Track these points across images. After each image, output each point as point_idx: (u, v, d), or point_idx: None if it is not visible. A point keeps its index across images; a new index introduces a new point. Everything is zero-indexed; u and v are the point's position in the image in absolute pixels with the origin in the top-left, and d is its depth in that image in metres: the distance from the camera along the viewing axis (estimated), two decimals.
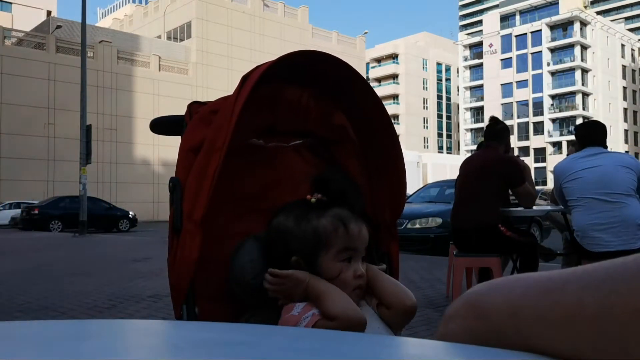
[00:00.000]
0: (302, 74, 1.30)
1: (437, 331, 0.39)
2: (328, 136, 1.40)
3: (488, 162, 3.96)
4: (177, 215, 1.16)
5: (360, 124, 1.37)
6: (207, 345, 0.36)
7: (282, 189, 1.39)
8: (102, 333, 0.41)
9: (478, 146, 4.49)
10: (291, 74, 1.30)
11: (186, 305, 1.17)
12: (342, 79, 1.30)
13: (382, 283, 1.13)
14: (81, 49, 16.77)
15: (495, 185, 3.90)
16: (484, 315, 0.36)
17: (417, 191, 10.96)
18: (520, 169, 3.97)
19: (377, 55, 74.89)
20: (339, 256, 1.08)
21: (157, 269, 6.99)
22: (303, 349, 0.36)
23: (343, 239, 1.08)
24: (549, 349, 0.31)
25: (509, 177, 3.92)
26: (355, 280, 1.07)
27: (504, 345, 0.34)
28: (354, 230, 1.09)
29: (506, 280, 0.37)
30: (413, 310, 1.11)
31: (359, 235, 1.09)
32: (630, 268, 0.29)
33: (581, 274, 0.32)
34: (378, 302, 1.11)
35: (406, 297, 1.10)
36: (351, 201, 1.14)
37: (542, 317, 0.32)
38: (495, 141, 4.10)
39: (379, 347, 0.38)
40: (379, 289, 1.12)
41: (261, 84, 1.17)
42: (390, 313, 1.09)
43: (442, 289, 5.13)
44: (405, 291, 1.11)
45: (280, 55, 1.17)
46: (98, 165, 29.76)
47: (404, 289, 1.12)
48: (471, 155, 4.34)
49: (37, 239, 14.01)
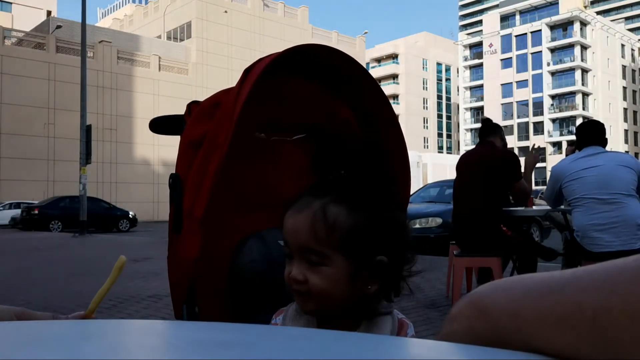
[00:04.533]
0: (306, 68, 1.29)
1: (440, 331, 0.40)
2: (332, 130, 1.39)
3: (487, 157, 3.92)
4: (178, 212, 1.15)
5: (364, 118, 1.35)
6: (207, 345, 0.36)
7: (284, 184, 1.38)
8: (102, 333, 0.41)
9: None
10: (294, 68, 1.29)
11: (186, 304, 1.16)
12: (346, 73, 1.29)
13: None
14: (81, 49, 16.76)
15: (496, 182, 3.85)
16: (486, 316, 0.36)
17: (417, 191, 10.95)
18: (519, 163, 3.94)
19: (377, 55, 74.86)
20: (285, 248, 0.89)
21: (157, 269, 6.98)
22: (303, 349, 0.36)
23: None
24: (550, 350, 0.31)
25: (508, 171, 3.87)
26: (290, 282, 0.85)
27: (506, 345, 0.34)
28: (286, 222, 0.86)
29: (509, 280, 0.37)
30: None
31: (290, 230, 0.86)
32: (630, 269, 0.30)
33: (581, 275, 0.32)
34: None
35: None
36: (350, 187, 0.86)
37: (542, 318, 0.32)
38: (491, 136, 4.06)
39: (380, 347, 0.38)
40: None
41: (264, 77, 1.15)
42: None
43: (442, 289, 5.12)
44: None
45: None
46: (98, 165, 29.75)
47: None
48: (467, 152, 4.26)
49: (37, 239, 14.00)
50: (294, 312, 0.91)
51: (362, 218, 0.83)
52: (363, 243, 0.82)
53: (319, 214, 0.82)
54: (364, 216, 0.84)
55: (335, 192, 0.84)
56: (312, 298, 0.83)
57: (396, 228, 0.86)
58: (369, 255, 0.83)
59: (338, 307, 0.85)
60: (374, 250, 0.83)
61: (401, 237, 0.87)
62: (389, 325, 0.89)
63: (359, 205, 0.84)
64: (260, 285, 1.19)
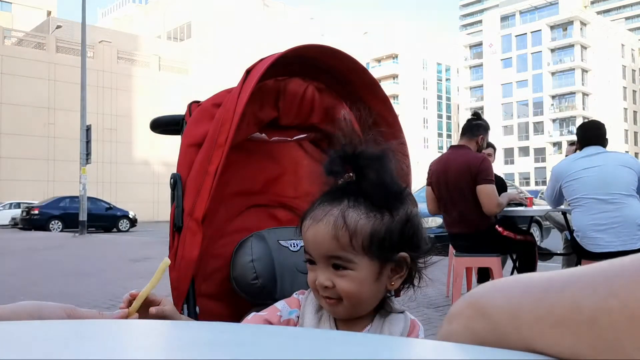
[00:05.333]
0: (307, 68, 1.29)
1: (439, 331, 0.40)
2: (332, 130, 1.39)
3: (463, 166, 3.75)
4: (178, 212, 1.15)
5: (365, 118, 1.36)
6: (207, 345, 0.36)
7: (285, 184, 1.38)
8: (102, 333, 0.41)
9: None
10: (296, 68, 1.29)
11: (187, 304, 1.16)
12: (347, 73, 1.28)
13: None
14: (81, 49, 16.78)
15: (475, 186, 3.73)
16: (485, 316, 0.36)
17: (416, 191, 10.95)
18: (489, 168, 3.76)
19: (377, 55, 74.87)
20: (305, 254, 0.91)
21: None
22: (303, 349, 0.36)
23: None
24: (549, 350, 0.31)
25: (477, 174, 3.68)
26: (318, 288, 0.87)
27: (505, 345, 0.34)
28: (306, 233, 0.88)
29: (508, 280, 0.37)
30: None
31: (311, 241, 0.87)
32: (627, 269, 0.30)
33: (579, 276, 0.32)
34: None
35: None
36: (369, 188, 0.86)
37: (541, 319, 0.32)
38: (466, 138, 3.90)
39: (380, 347, 0.37)
40: None
41: (265, 77, 1.15)
42: None
43: (442, 289, 5.12)
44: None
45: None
46: (98, 165, 29.74)
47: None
48: (442, 158, 4.02)
49: (37, 239, 14.00)
50: (313, 299, 0.93)
51: (380, 219, 0.85)
52: (384, 243, 0.85)
53: (339, 222, 0.84)
54: (382, 217, 0.86)
55: (350, 197, 0.86)
56: (342, 302, 0.86)
57: (412, 223, 0.89)
58: (391, 253, 0.86)
59: (367, 306, 0.89)
60: (396, 247, 0.87)
61: (417, 230, 0.89)
62: (402, 323, 0.92)
63: (375, 207, 0.86)
64: (260, 285, 1.20)
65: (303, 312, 0.94)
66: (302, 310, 0.95)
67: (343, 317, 0.90)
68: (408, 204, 0.90)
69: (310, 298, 0.95)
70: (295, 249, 1.25)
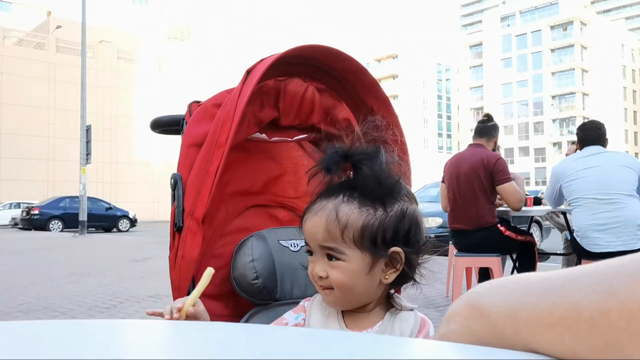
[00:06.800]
0: (308, 68, 1.29)
1: (438, 331, 0.40)
2: (332, 130, 1.39)
3: (478, 161, 3.83)
4: (179, 212, 1.15)
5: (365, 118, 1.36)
6: (207, 345, 0.36)
7: (285, 184, 1.38)
8: (102, 333, 0.41)
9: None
10: (296, 68, 1.29)
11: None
12: (347, 73, 1.28)
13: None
14: (81, 49, 16.78)
15: (488, 184, 3.81)
16: (484, 316, 0.36)
17: (416, 191, 10.96)
18: (505, 166, 3.85)
19: (377, 55, 74.87)
20: (305, 246, 0.96)
21: (157, 269, 6.99)
22: (303, 349, 0.36)
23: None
24: (548, 350, 0.31)
25: (494, 173, 3.79)
26: (314, 278, 0.92)
27: (503, 345, 0.34)
28: (304, 225, 0.93)
29: (506, 280, 0.37)
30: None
31: (308, 232, 0.92)
32: (626, 269, 0.30)
33: (578, 276, 0.32)
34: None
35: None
36: (366, 183, 0.89)
37: (540, 320, 0.32)
38: (484, 139, 4.01)
39: (380, 347, 0.37)
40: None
41: (266, 77, 1.15)
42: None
43: (442, 289, 5.12)
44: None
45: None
46: (98, 165, 29.73)
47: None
48: (457, 154, 4.16)
49: (37, 239, 14.01)
50: (320, 300, 0.97)
51: (372, 214, 0.88)
52: (376, 237, 0.88)
53: (332, 215, 0.88)
54: (375, 211, 0.88)
55: (346, 192, 0.90)
56: (333, 291, 0.90)
57: (408, 218, 0.90)
58: (383, 248, 0.88)
59: (360, 297, 0.92)
60: (388, 242, 0.88)
61: (413, 226, 0.91)
62: (412, 321, 0.95)
63: (369, 202, 0.89)
64: (261, 285, 1.20)
65: (309, 314, 0.97)
66: (308, 312, 0.98)
67: (335, 306, 0.94)
68: (404, 200, 0.91)
69: (317, 300, 0.98)
70: (295, 249, 1.25)
